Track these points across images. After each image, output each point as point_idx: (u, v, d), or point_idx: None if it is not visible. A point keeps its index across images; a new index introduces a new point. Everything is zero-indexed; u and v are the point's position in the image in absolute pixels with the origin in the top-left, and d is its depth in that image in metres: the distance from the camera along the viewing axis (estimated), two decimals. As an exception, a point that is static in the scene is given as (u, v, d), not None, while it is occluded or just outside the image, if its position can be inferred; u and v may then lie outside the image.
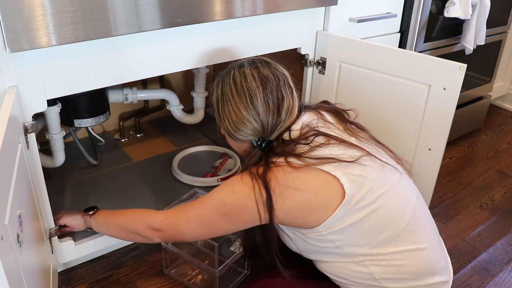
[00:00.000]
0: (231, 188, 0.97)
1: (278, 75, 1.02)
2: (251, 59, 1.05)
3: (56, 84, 1.08)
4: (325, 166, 0.94)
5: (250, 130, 1.00)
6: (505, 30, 2.15)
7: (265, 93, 0.99)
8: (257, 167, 0.97)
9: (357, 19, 1.50)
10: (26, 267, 0.85)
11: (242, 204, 0.96)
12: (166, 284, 1.34)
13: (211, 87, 1.07)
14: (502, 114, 2.55)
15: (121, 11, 1.04)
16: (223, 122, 1.04)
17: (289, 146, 0.98)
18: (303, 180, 0.93)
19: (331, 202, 0.93)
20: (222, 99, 1.02)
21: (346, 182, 0.93)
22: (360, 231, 0.95)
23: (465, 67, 1.17)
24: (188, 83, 2.02)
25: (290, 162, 0.95)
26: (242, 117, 0.99)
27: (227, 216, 0.98)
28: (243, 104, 0.99)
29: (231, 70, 1.04)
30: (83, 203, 1.46)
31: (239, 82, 1.00)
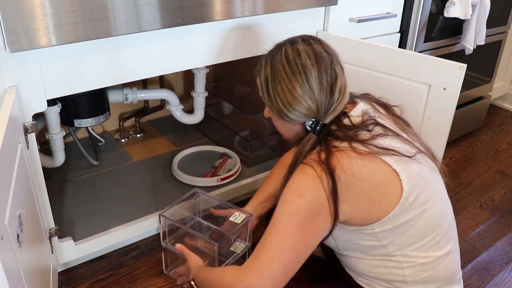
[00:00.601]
0: (298, 192, 0.89)
1: (330, 53, 0.97)
2: (302, 36, 1.00)
3: (56, 84, 1.08)
4: (387, 157, 0.90)
5: (305, 109, 0.95)
6: (505, 30, 2.15)
7: (320, 71, 0.93)
8: (318, 153, 0.90)
9: (357, 19, 1.50)
10: (26, 267, 0.85)
11: (315, 203, 0.88)
12: (166, 284, 1.34)
13: (257, 68, 1.02)
14: (502, 114, 2.55)
15: (121, 11, 1.04)
16: (274, 102, 0.97)
17: (351, 131, 0.93)
18: (368, 169, 0.89)
19: (391, 198, 0.90)
20: (273, 78, 0.97)
21: (404, 178, 0.90)
22: (409, 231, 0.92)
23: (465, 67, 1.17)
24: (188, 83, 2.02)
25: (354, 147, 0.90)
26: (298, 95, 0.93)
27: (304, 227, 0.88)
28: (298, 82, 0.93)
29: (281, 47, 0.98)
30: (83, 203, 1.46)
31: (293, 59, 0.94)
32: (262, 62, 1.01)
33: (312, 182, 0.87)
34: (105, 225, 1.37)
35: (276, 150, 1.77)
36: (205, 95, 1.71)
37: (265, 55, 1.01)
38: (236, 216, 1.24)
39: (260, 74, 1.00)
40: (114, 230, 1.35)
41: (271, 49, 1.01)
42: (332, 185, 0.86)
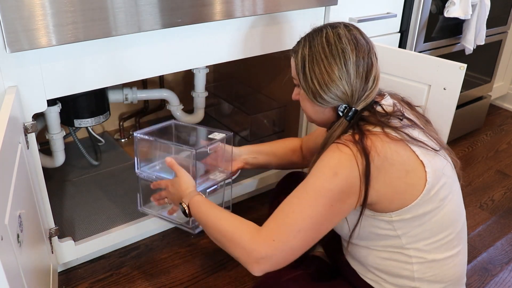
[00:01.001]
0: (334, 170, 0.87)
1: (369, 42, 0.98)
2: (343, 22, 1.01)
3: (56, 84, 1.08)
4: (416, 148, 0.91)
5: (340, 92, 0.95)
6: (505, 30, 2.15)
7: (358, 57, 0.94)
8: (352, 135, 0.91)
9: (357, 19, 1.50)
10: (26, 267, 0.85)
11: (348, 183, 0.87)
12: (166, 284, 1.34)
13: (294, 48, 1.02)
14: (502, 114, 2.55)
15: (121, 11, 1.04)
16: (310, 83, 0.97)
17: (384, 118, 0.95)
18: (399, 155, 0.89)
19: (416, 188, 0.90)
20: (311, 59, 0.96)
21: (430, 171, 0.90)
22: (425, 224, 0.93)
23: (465, 67, 1.17)
24: (188, 83, 2.02)
25: (387, 132, 0.91)
26: (335, 78, 0.94)
27: (333, 207, 0.88)
28: (337, 65, 0.94)
29: (323, 29, 0.98)
30: (83, 203, 1.47)
31: (334, 42, 0.95)
32: (300, 43, 1.00)
33: (348, 161, 0.87)
34: (105, 225, 1.37)
35: (276, 150, 1.77)
36: (205, 95, 1.71)
37: (303, 37, 1.01)
38: (215, 134, 1.25)
39: (297, 55, 0.99)
40: (114, 230, 1.35)
41: (309, 31, 1.01)
42: (366, 166, 0.86)
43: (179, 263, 1.42)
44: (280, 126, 1.74)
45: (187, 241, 1.50)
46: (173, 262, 1.42)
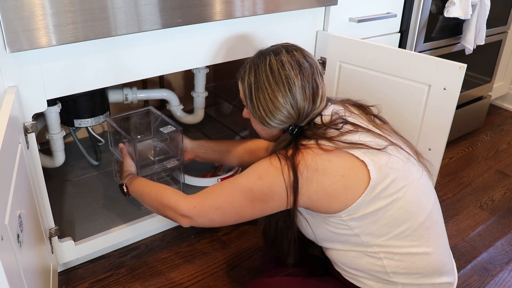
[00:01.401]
0: (259, 174, 0.97)
1: (311, 63, 1.01)
2: (284, 45, 1.03)
3: (56, 84, 1.08)
4: (354, 150, 0.94)
5: (285, 117, 1.00)
6: (505, 30, 2.15)
7: (303, 81, 0.98)
8: (286, 150, 0.97)
9: (357, 19, 1.50)
10: (26, 267, 0.85)
11: (270, 190, 0.96)
12: (166, 284, 1.34)
13: (240, 73, 1.05)
14: (502, 114, 2.56)
15: (121, 11, 1.04)
16: (256, 110, 1.02)
17: (320, 130, 0.99)
18: (332, 162, 0.94)
19: (357, 187, 0.93)
20: (256, 86, 1.00)
21: (373, 169, 0.93)
22: (380, 220, 0.95)
23: (465, 67, 1.17)
24: (188, 83, 2.02)
25: (320, 144, 0.95)
26: (279, 105, 0.98)
27: (254, 203, 0.98)
28: (280, 92, 0.97)
29: (266, 56, 1.01)
30: (83, 203, 1.47)
31: (277, 70, 0.98)
32: (246, 69, 1.03)
33: (274, 173, 0.95)
34: (105, 225, 1.37)
35: (276, 150, 1.77)
36: (205, 95, 1.71)
37: (248, 62, 1.04)
38: (166, 128, 1.42)
39: (244, 81, 1.03)
40: (114, 230, 1.35)
41: (254, 57, 1.04)
42: (293, 179, 0.93)
43: (179, 263, 1.42)
44: (280, 126, 1.74)
45: (187, 241, 1.50)
46: (173, 262, 1.42)
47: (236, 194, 0.99)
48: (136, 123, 1.57)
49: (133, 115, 1.55)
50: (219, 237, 1.53)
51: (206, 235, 1.53)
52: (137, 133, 1.58)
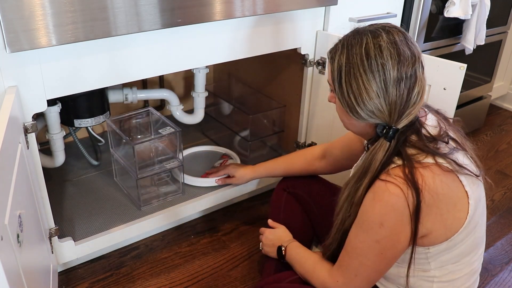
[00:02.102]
0: (379, 222, 0.86)
1: (414, 52, 0.88)
2: (385, 26, 0.89)
3: (56, 84, 1.08)
4: (463, 176, 0.86)
5: (377, 110, 0.87)
6: (505, 30, 2.15)
7: (400, 72, 0.85)
8: (401, 168, 0.85)
9: (357, 19, 1.50)
10: (26, 267, 0.85)
11: (395, 231, 0.86)
12: (166, 284, 1.34)
13: (331, 51, 0.93)
14: (502, 114, 2.55)
15: (121, 11, 1.04)
16: (346, 95, 0.89)
17: (432, 143, 0.88)
18: (449, 188, 0.85)
19: (460, 220, 0.87)
20: (348, 70, 0.88)
21: (472, 202, 0.87)
22: (456, 250, 0.91)
23: (465, 67, 1.17)
24: (188, 83, 2.02)
25: (439, 163, 0.85)
26: (373, 95, 0.86)
27: (385, 253, 0.89)
28: (375, 82, 0.85)
29: (363, 37, 0.88)
30: (83, 203, 1.46)
31: (374, 56, 0.86)
32: (338, 48, 0.91)
33: (395, 206, 0.84)
34: (105, 225, 1.37)
35: (276, 150, 1.77)
36: (205, 95, 1.71)
37: (341, 40, 0.92)
38: (165, 129, 1.43)
39: (334, 61, 0.91)
40: (114, 230, 1.35)
41: (348, 35, 0.91)
42: (416, 205, 0.83)
43: (179, 263, 1.42)
44: (280, 126, 1.74)
45: (187, 241, 1.50)
46: (173, 262, 1.42)
47: (365, 253, 0.90)
48: (136, 123, 1.57)
49: (133, 116, 1.55)
50: (219, 237, 1.53)
51: (206, 235, 1.53)
52: (137, 133, 1.59)
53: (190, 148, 1.75)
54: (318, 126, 1.61)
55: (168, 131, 1.44)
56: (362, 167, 0.91)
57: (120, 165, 1.52)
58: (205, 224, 1.58)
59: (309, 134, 1.65)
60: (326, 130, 1.58)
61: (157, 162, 1.51)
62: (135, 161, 1.39)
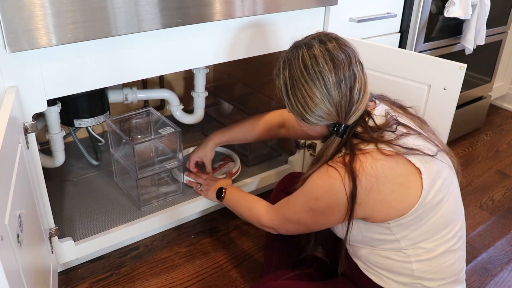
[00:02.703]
0: (315, 196, 0.96)
1: (349, 53, 0.96)
2: (318, 36, 0.98)
3: (56, 84, 1.08)
4: (411, 157, 0.91)
5: (325, 113, 0.95)
6: (505, 30, 2.15)
7: (338, 75, 0.93)
8: (343, 156, 0.93)
9: (357, 19, 1.50)
10: (26, 267, 0.85)
11: (329, 207, 0.95)
12: (166, 284, 1.34)
13: (275, 70, 1.01)
14: (502, 114, 2.56)
15: (121, 11, 1.04)
16: (294, 106, 0.98)
17: (377, 133, 0.95)
18: (392, 169, 0.90)
19: (411, 196, 0.91)
20: (291, 83, 0.96)
21: (426, 178, 0.91)
22: (423, 226, 0.94)
23: (465, 67, 1.17)
24: (188, 83, 2.02)
25: (380, 148, 0.92)
26: (318, 101, 0.94)
27: (316, 218, 1.00)
28: (317, 88, 0.93)
29: (298, 51, 0.97)
30: (83, 203, 1.46)
31: (310, 66, 0.94)
32: (280, 65, 1.00)
33: (332, 188, 0.92)
34: (105, 225, 1.37)
35: (276, 150, 1.77)
36: (205, 95, 1.71)
37: (282, 57, 1.01)
38: (165, 129, 1.46)
39: (279, 78, 1.00)
40: (114, 230, 1.35)
41: (288, 51, 1.00)
42: (352, 188, 0.90)
43: (179, 263, 1.42)
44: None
45: (187, 241, 1.50)
46: (173, 262, 1.42)
47: (300, 211, 1.02)
48: (136, 123, 1.58)
49: (133, 116, 1.56)
50: (219, 237, 1.53)
51: (206, 235, 1.53)
52: (137, 133, 1.59)
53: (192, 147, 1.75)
54: (318, 126, 1.60)
55: (168, 131, 1.44)
56: (316, 158, 1.01)
57: (120, 165, 1.51)
58: (205, 224, 1.58)
59: (309, 134, 1.65)
60: (326, 130, 1.58)
61: (157, 162, 1.51)
62: (135, 161, 1.39)
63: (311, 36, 1.00)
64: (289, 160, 1.69)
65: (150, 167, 1.47)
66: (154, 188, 1.51)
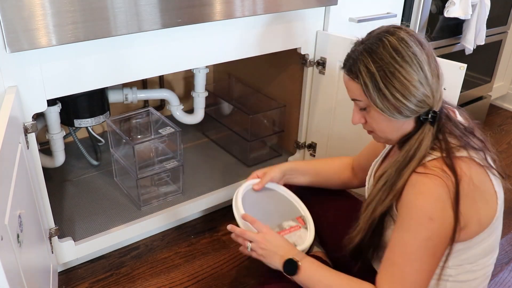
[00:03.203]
0: (428, 216, 0.82)
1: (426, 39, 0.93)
2: (392, 26, 0.92)
3: (56, 84, 1.08)
4: (492, 176, 0.87)
5: (425, 96, 0.87)
6: (505, 30, 2.15)
7: (428, 56, 0.88)
8: (441, 159, 0.84)
9: (357, 19, 1.50)
10: (26, 267, 0.85)
11: (444, 224, 0.83)
12: (166, 284, 1.34)
13: (352, 69, 0.90)
14: (502, 114, 2.55)
15: (121, 11, 1.04)
16: (391, 99, 0.87)
17: (467, 136, 0.89)
18: (483, 182, 0.85)
19: (487, 217, 0.87)
20: (383, 74, 0.86)
21: (500, 203, 0.87)
22: (476, 249, 0.90)
23: (465, 67, 1.17)
24: (188, 83, 2.02)
25: (473, 157, 0.86)
26: (417, 84, 0.86)
27: (437, 252, 0.85)
28: (414, 71, 0.86)
29: (381, 38, 0.88)
30: (83, 203, 1.46)
31: (402, 49, 0.86)
32: (356, 62, 0.90)
33: (440, 197, 0.82)
34: (105, 225, 1.37)
35: (276, 150, 1.77)
36: (205, 95, 1.71)
37: (355, 55, 0.91)
38: (165, 129, 1.45)
39: (361, 75, 0.88)
40: (114, 230, 1.35)
41: (360, 48, 0.91)
42: (455, 193, 0.82)
43: (179, 263, 1.42)
44: (280, 126, 1.74)
45: (187, 241, 1.50)
46: (173, 262, 1.42)
47: (420, 256, 0.83)
48: (136, 123, 1.58)
49: (133, 116, 1.55)
50: (219, 237, 1.53)
51: (206, 235, 1.53)
52: (137, 133, 1.59)
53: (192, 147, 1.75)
54: (318, 126, 1.61)
55: (168, 131, 1.44)
56: (405, 156, 0.88)
57: (120, 165, 1.51)
58: (205, 224, 1.58)
59: (309, 134, 1.65)
60: (326, 130, 1.58)
61: (157, 162, 1.51)
62: (135, 161, 1.39)
63: (379, 29, 0.93)
64: (289, 160, 1.69)
65: (150, 167, 1.47)
66: (154, 188, 1.51)
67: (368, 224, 0.93)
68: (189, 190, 1.52)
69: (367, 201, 0.95)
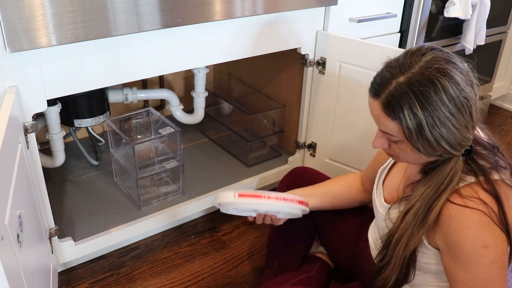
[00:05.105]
0: (482, 244, 0.80)
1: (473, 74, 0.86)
2: (442, 56, 0.83)
3: (56, 84, 1.08)
4: None
5: (466, 139, 0.83)
6: (505, 30, 2.15)
7: (476, 92, 0.82)
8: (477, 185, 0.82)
9: (357, 19, 1.50)
10: (26, 267, 0.85)
11: (501, 247, 0.81)
12: (166, 284, 1.34)
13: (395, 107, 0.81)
14: (502, 114, 2.55)
15: (121, 11, 1.04)
16: (434, 145, 0.81)
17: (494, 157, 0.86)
18: None
19: None
20: (432, 122, 0.79)
21: None
22: None
23: (465, 67, 1.17)
24: (188, 83, 2.02)
25: (504, 179, 0.84)
26: (464, 130, 0.81)
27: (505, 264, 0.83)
28: (464, 118, 0.80)
29: (433, 80, 0.79)
30: (83, 203, 1.47)
31: (456, 95, 0.79)
32: (401, 102, 0.80)
33: (486, 225, 0.80)
34: (105, 225, 1.37)
35: (275, 150, 1.77)
36: (205, 95, 1.71)
37: (394, 89, 0.81)
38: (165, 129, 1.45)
39: (405, 118, 0.80)
40: (114, 230, 1.35)
41: (405, 81, 0.81)
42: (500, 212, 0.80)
43: (179, 263, 1.42)
44: (280, 126, 1.74)
45: (187, 241, 1.50)
46: (173, 262, 1.42)
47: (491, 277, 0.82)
48: (136, 123, 1.58)
49: (133, 116, 1.56)
50: (219, 237, 1.53)
51: (206, 235, 1.53)
52: (137, 133, 1.59)
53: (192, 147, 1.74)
54: (318, 126, 1.61)
55: (168, 131, 1.44)
56: (435, 190, 0.85)
57: (120, 165, 1.52)
58: (205, 224, 1.58)
59: (309, 134, 1.65)
60: (326, 130, 1.58)
61: (157, 162, 1.51)
62: (135, 161, 1.39)
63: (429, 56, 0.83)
64: (289, 160, 1.69)
65: (150, 167, 1.47)
66: (154, 188, 1.51)
67: (401, 261, 0.90)
68: (189, 190, 1.52)
69: (395, 237, 0.90)
